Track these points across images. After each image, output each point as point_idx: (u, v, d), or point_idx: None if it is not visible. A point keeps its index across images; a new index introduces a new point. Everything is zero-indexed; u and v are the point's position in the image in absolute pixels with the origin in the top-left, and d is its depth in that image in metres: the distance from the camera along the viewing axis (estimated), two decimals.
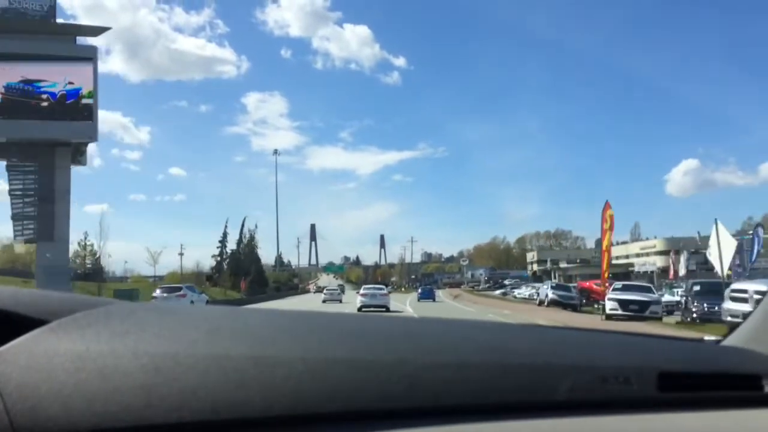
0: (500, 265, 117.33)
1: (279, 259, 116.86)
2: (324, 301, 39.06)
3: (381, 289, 30.41)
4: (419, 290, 53.06)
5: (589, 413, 0.76)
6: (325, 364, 0.72)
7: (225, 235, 75.25)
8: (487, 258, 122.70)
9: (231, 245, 75.08)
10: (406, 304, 34.86)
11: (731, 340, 1.04)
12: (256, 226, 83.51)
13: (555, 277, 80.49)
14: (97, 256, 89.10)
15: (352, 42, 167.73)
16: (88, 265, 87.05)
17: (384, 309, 25.52)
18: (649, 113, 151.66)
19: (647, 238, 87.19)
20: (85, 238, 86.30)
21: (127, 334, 0.73)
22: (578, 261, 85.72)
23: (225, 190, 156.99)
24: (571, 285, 36.19)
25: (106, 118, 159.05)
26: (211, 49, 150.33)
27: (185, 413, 0.64)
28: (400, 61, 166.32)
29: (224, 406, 0.65)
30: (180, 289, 28.31)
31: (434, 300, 46.74)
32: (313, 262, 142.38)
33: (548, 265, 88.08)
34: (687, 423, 0.79)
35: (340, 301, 39.65)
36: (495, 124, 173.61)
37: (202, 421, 0.64)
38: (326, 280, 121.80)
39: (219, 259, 74.23)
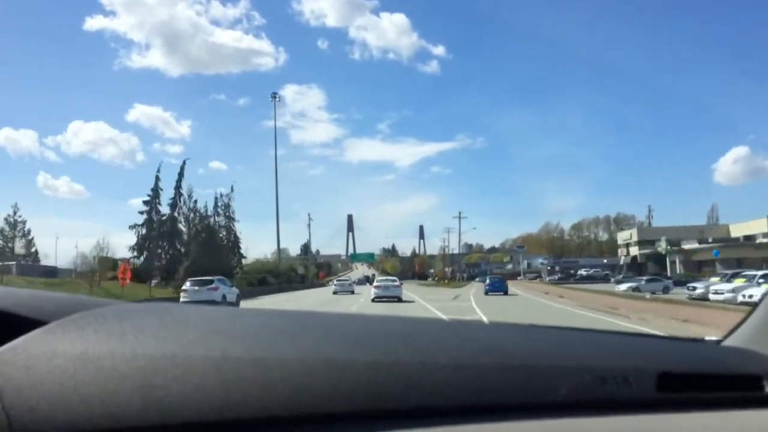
0: (554, 254, 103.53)
1: (306, 247, 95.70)
2: (335, 293, 37.70)
3: (394, 281, 30.55)
4: (486, 281, 40.48)
5: (589, 414, 0.75)
6: (321, 365, 0.72)
7: (156, 192, 47.54)
8: (539, 246, 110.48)
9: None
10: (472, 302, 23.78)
11: (732, 341, 1.03)
12: (232, 189, 56.13)
13: (677, 266, 51.60)
14: (30, 237, 64.32)
15: (389, 31, 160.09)
16: (20, 251, 62.03)
17: (396, 300, 26.67)
18: (694, 102, 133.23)
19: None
20: (15, 214, 60.93)
21: (125, 335, 0.73)
22: (710, 240, 56.48)
23: (264, 183, 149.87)
24: None
25: (148, 113, 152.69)
26: (248, 42, 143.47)
27: (183, 414, 0.64)
28: (439, 50, 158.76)
29: (222, 407, 0.65)
30: (212, 282, 25.82)
31: (506, 293, 35.49)
32: (351, 252, 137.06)
33: (663, 246, 58.47)
34: (687, 424, 0.78)
35: (352, 293, 37.99)
36: (535, 114, 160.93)
37: (200, 422, 0.64)
38: (362, 271, 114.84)
39: (144, 232, 46.87)
